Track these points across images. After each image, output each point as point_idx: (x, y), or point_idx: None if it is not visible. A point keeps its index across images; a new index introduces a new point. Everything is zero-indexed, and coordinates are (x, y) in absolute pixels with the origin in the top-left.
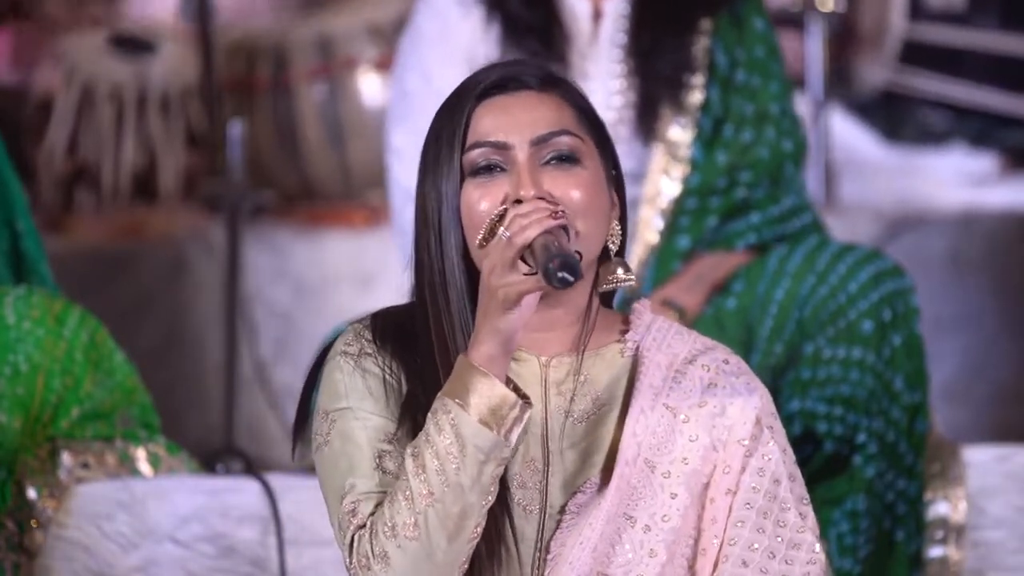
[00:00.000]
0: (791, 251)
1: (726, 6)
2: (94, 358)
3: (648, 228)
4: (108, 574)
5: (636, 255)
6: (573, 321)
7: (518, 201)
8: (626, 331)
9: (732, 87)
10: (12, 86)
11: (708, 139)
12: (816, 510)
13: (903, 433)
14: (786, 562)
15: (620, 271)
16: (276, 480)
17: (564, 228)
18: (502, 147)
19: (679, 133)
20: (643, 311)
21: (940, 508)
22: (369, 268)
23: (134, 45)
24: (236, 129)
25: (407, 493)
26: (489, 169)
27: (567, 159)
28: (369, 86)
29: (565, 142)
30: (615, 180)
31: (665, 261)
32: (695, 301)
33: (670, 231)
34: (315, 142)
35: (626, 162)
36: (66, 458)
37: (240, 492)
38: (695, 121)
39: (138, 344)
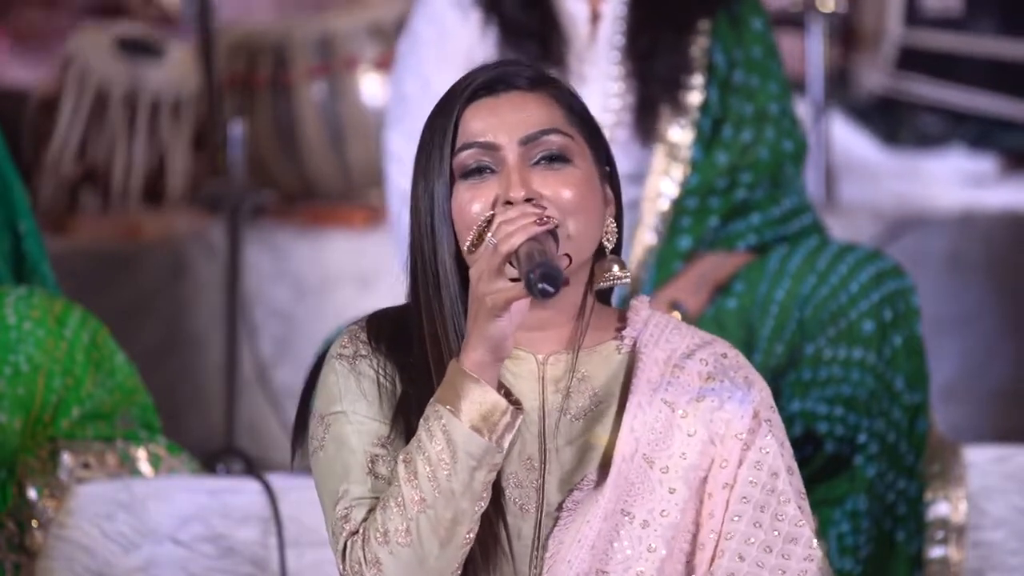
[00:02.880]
0: (792, 251)
1: (724, 6)
2: (95, 358)
3: (648, 229)
4: (108, 574)
5: (636, 256)
6: (569, 319)
7: (508, 203)
8: (623, 328)
9: (731, 87)
10: (12, 86)
11: (707, 140)
12: (816, 510)
13: (904, 433)
14: (783, 556)
15: (616, 268)
16: (276, 480)
17: (553, 233)
18: (491, 148)
19: (679, 134)
20: (640, 307)
21: (940, 508)
22: (369, 268)
23: (141, 48)
24: (236, 129)
25: (399, 499)
26: (479, 171)
27: (557, 158)
28: (370, 86)
29: (554, 141)
30: (609, 177)
31: (666, 262)
32: (698, 301)
33: (671, 232)
34: (315, 142)
35: (624, 164)
36: (67, 458)
37: (240, 492)
38: (694, 122)
39: (139, 344)
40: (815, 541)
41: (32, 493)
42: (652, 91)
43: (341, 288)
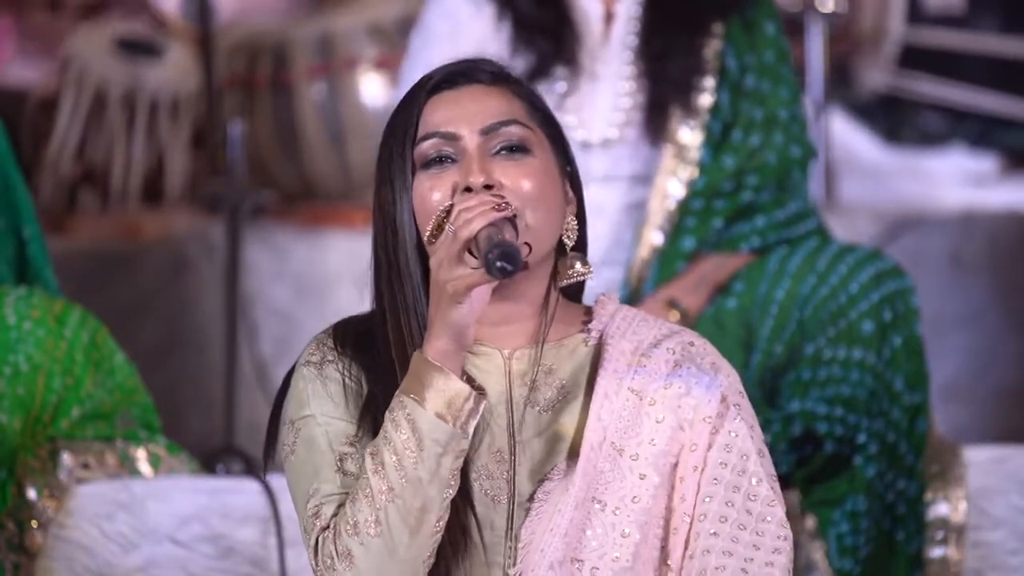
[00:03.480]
0: (792, 251)
1: (737, 10)
2: (95, 358)
3: (655, 229)
4: (108, 574)
5: (642, 256)
6: (533, 314)
7: (468, 190)
8: (589, 322)
9: (742, 92)
10: (11, 86)
11: (716, 142)
12: (816, 510)
13: (903, 434)
14: (757, 534)
15: (578, 265)
16: (276, 480)
17: (512, 221)
18: (451, 137)
19: (689, 135)
20: (607, 302)
21: (940, 508)
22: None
23: (140, 48)
24: (236, 129)
25: (367, 491)
26: (440, 160)
27: (517, 148)
28: (370, 86)
29: (514, 132)
30: (570, 177)
31: (669, 262)
32: (698, 302)
33: (675, 232)
34: (315, 142)
35: (632, 164)
36: (66, 458)
37: (240, 492)
38: (704, 124)
39: (138, 344)
40: (787, 522)
41: (32, 493)
42: (663, 92)
43: (341, 288)
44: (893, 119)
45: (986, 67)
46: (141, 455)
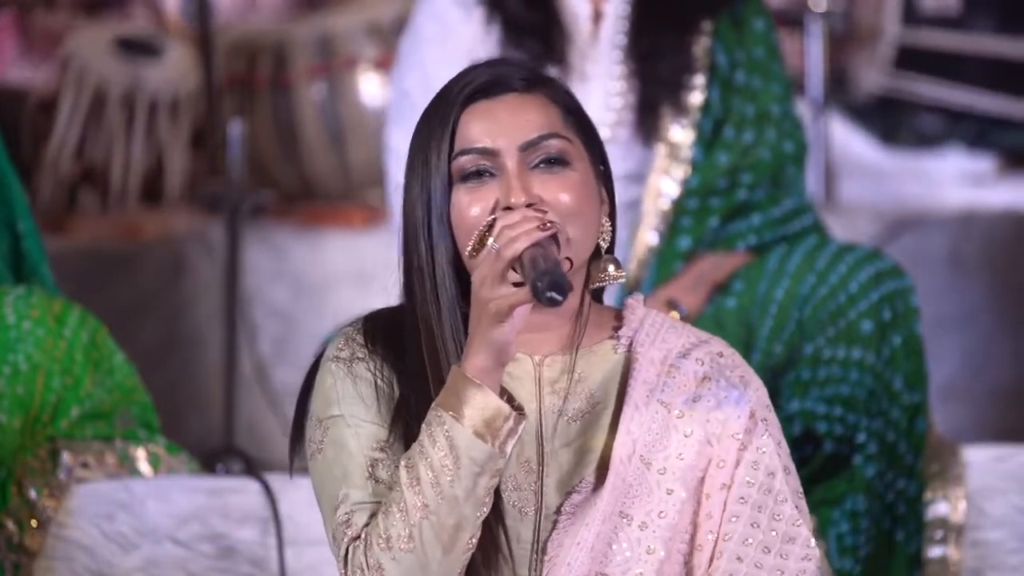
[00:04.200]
0: (791, 251)
1: (726, 7)
2: (94, 358)
3: (649, 229)
4: (108, 574)
5: (638, 256)
6: (565, 321)
7: (508, 208)
8: (619, 327)
9: (733, 88)
10: (11, 86)
11: (708, 140)
12: (816, 510)
13: (903, 433)
14: (781, 556)
15: (611, 268)
16: (276, 480)
17: (555, 237)
18: (490, 153)
19: (680, 134)
20: (636, 306)
21: (940, 508)
22: (369, 268)
23: (140, 48)
24: (236, 129)
25: (401, 505)
26: (479, 174)
27: (556, 161)
28: (369, 85)
29: (553, 145)
30: (604, 176)
31: (666, 261)
32: (696, 301)
33: (671, 232)
34: (315, 142)
35: (625, 163)
36: (66, 458)
37: (240, 492)
38: (695, 122)
39: (138, 344)
40: (812, 540)
41: (32, 493)
42: (654, 91)
43: (340, 288)
44: (890, 121)
45: (982, 68)
46: (141, 455)
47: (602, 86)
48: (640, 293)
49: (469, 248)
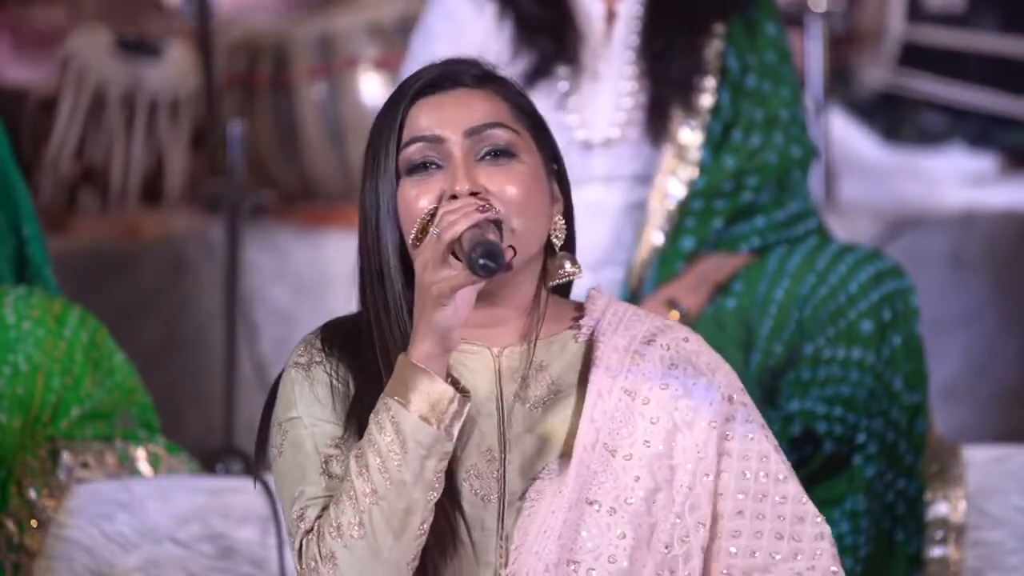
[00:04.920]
0: (791, 251)
1: (738, 10)
2: (94, 358)
3: (655, 229)
4: (108, 574)
5: (642, 256)
6: (522, 315)
7: (453, 197)
8: (579, 318)
9: (743, 92)
10: (11, 86)
11: (717, 143)
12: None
13: (903, 433)
14: (794, 539)
15: (568, 264)
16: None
17: (497, 224)
18: (436, 140)
19: (689, 135)
20: (598, 297)
21: (940, 508)
22: None
23: (140, 48)
24: (236, 128)
25: (351, 493)
26: (425, 166)
27: (502, 153)
28: (370, 85)
29: (500, 135)
30: (557, 175)
31: (669, 262)
32: (697, 301)
33: (675, 232)
34: (315, 141)
35: (633, 164)
36: (66, 458)
37: (240, 492)
38: (705, 124)
39: (138, 344)
40: (820, 515)
41: (31, 493)
42: (664, 92)
43: (341, 288)
44: (893, 117)
45: (986, 66)
46: (141, 455)
47: (613, 86)
48: (644, 293)
49: (412, 237)
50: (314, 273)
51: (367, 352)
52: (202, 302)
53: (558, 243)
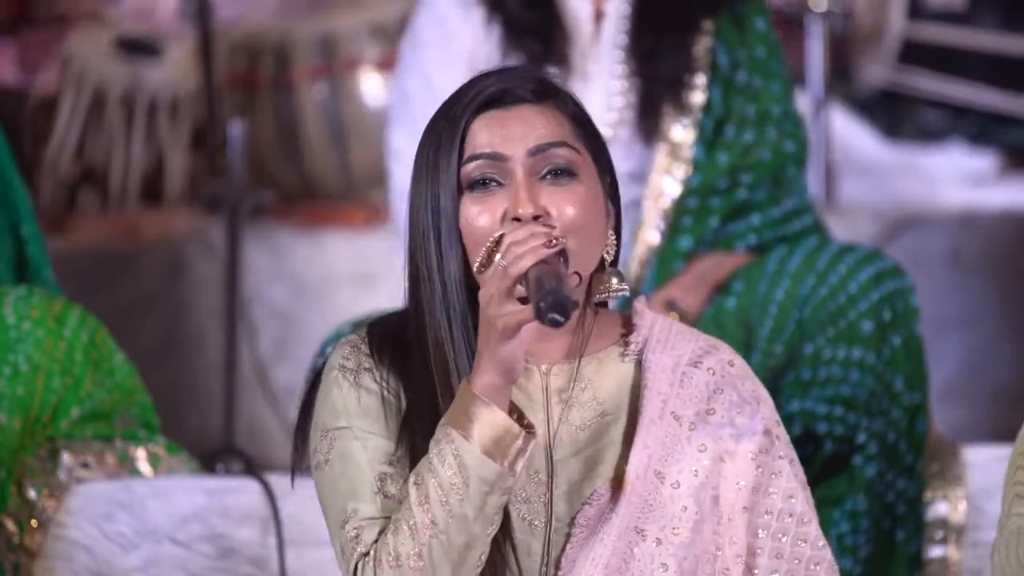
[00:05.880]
0: (791, 251)
1: (727, 7)
2: (94, 358)
3: (651, 228)
4: (108, 574)
5: (639, 255)
6: (570, 330)
7: (516, 219)
8: (626, 333)
9: (734, 88)
10: (12, 87)
11: (710, 140)
12: (816, 510)
13: (903, 433)
14: None
15: (614, 281)
16: (276, 480)
17: (563, 253)
18: (499, 159)
19: (682, 133)
20: (643, 311)
21: (940, 508)
22: (369, 268)
23: (140, 48)
24: (236, 128)
25: (411, 523)
26: (485, 183)
27: (564, 172)
28: (371, 86)
29: (562, 155)
30: (610, 189)
31: (667, 261)
32: (697, 302)
33: (672, 231)
34: (316, 141)
35: (626, 162)
36: (66, 458)
37: (240, 492)
38: (697, 121)
39: (138, 344)
40: (835, 564)
41: (31, 493)
42: (655, 90)
43: (341, 288)
44: (893, 115)
45: (986, 64)
46: (141, 455)
47: (603, 85)
48: (643, 294)
49: (477, 264)
50: (314, 273)
51: (418, 361)
52: (202, 302)
53: (608, 259)
